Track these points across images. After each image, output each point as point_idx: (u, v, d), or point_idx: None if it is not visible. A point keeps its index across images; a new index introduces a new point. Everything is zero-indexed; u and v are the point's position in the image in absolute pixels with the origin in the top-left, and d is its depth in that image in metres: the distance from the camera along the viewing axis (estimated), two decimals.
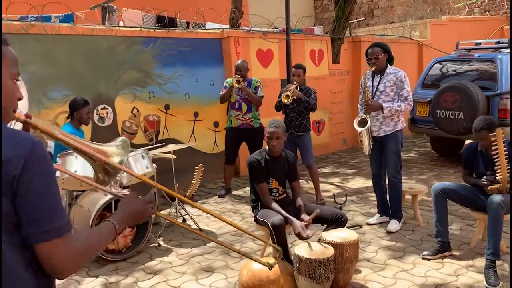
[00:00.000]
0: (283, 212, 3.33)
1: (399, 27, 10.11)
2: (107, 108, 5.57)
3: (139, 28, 5.84)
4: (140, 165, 4.13)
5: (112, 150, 1.51)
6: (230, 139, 5.83)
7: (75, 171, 3.71)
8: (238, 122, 5.68)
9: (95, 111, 5.45)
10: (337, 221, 3.46)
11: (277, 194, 3.60)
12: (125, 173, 4.02)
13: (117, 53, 5.61)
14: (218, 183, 6.46)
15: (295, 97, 5.16)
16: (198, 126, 6.52)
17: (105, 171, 1.48)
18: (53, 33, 5.00)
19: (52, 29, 5.00)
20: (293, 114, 5.30)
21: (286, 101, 5.13)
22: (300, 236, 3.19)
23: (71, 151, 3.84)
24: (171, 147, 4.58)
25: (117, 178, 4.05)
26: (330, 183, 6.30)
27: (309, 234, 3.20)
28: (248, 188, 6.08)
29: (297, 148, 5.34)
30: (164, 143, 5.11)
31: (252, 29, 7.10)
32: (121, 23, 6.48)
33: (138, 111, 5.85)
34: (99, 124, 5.51)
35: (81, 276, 3.63)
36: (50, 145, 4.66)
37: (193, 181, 5.23)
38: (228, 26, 7.05)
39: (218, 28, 6.82)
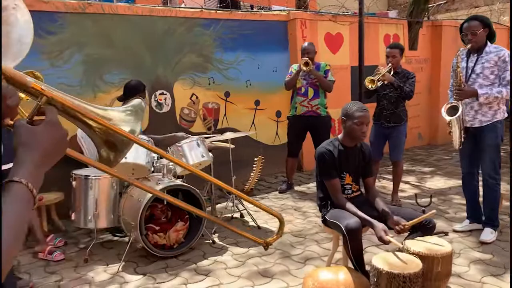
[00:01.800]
0: (359, 213, 2.77)
1: (485, 11, 9.02)
2: (166, 94, 5.27)
3: (200, 9, 5.49)
4: (195, 153, 3.75)
5: (117, 116, 1.06)
6: (293, 129, 5.31)
7: (125, 158, 3.38)
8: (303, 109, 5.15)
9: (153, 96, 5.17)
10: (423, 227, 2.84)
11: (350, 192, 3.04)
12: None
13: (177, 35, 5.29)
14: (279, 177, 5.98)
15: (385, 82, 4.51)
16: (259, 116, 6.07)
17: (109, 145, 1.04)
18: (110, 12, 4.77)
19: (110, 9, 4.76)
20: (385, 101, 4.64)
21: (370, 87, 4.49)
22: (382, 240, 2.62)
23: None
24: (229, 135, 4.15)
25: (170, 167, 3.70)
26: (406, 182, 5.58)
27: (391, 239, 2.62)
28: (311, 184, 5.56)
29: (385, 142, 4.71)
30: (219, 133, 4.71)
31: (320, 11, 6.52)
32: (182, 6, 6.17)
33: (197, 97, 5.51)
34: (157, 110, 5.23)
35: (128, 273, 3.31)
36: None
37: (252, 174, 4.81)
38: (294, 8, 6.52)
39: (283, 10, 6.32)
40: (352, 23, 6.52)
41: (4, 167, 2.88)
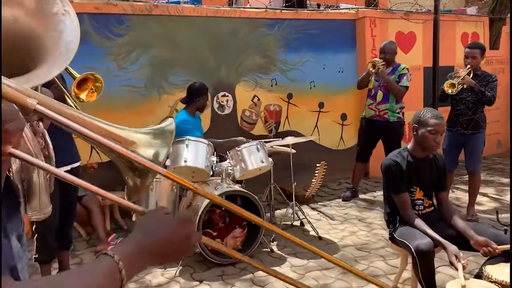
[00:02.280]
0: (429, 231, 2.50)
1: None
2: (227, 96, 5.22)
3: (264, 9, 5.37)
4: (255, 158, 3.63)
5: (142, 139, 0.94)
6: (364, 131, 5.02)
7: (185, 161, 3.35)
8: (371, 112, 4.86)
9: (215, 98, 5.13)
10: (507, 251, 2.50)
11: (422, 208, 2.76)
12: (238, 165, 3.56)
13: (241, 36, 5.21)
14: (343, 183, 5.71)
15: (464, 86, 4.13)
16: (323, 118, 5.83)
17: (134, 170, 0.93)
18: (176, 14, 4.78)
19: (175, 10, 4.78)
20: (462, 106, 4.25)
21: (450, 91, 4.11)
22: (454, 265, 2.34)
23: (184, 138, 3.52)
24: (290, 139, 3.99)
25: (229, 171, 3.61)
26: (483, 195, 5.10)
27: (460, 270, 2.33)
28: (378, 193, 5.24)
29: (461, 150, 4.34)
30: (279, 137, 4.56)
31: (392, 8, 6.15)
32: (247, 6, 6.10)
33: (258, 99, 5.40)
34: (219, 112, 5.19)
35: (184, 278, 3.26)
36: None
37: (313, 180, 4.61)
38: (363, 6, 6.21)
39: (352, 8, 6.04)
40: (426, 21, 6.08)
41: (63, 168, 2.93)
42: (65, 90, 2.79)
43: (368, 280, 1.61)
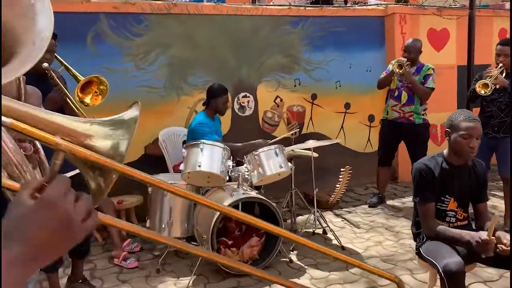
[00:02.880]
0: (452, 232, 2.27)
1: None
2: (249, 97, 5.04)
3: (287, 6, 5.16)
4: (273, 162, 3.44)
5: (100, 131, 0.79)
6: (385, 134, 4.76)
7: (199, 166, 3.19)
8: (395, 114, 4.58)
9: (235, 99, 4.97)
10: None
11: (454, 220, 2.50)
12: (255, 171, 3.38)
13: (262, 35, 5.02)
14: (370, 188, 5.45)
15: (497, 86, 3.83)
16: (349, 120, 5.58)
17: (93, 168, 0.78)
18: (196, 13, 4.64)
19: (195, 9, 4.64)
20: (493, 108, 3.94)
21: (483, 92, 3.82)
22: (482, 246, 2.08)
23: (199, 141, 3.36)
24: (311, 143, 3.77)
25: (246, 176, 3.43)
26: None
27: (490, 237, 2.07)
28: (407, 199, 4.95)
29: (492, 155, 4.03)
30: (303, 140, 4.35)
31: (423, 4, 5.83)
32: (271, 4, 5.91)
33: (281, 100, 5.20)
34: (240, 113, 5.02)
35: None
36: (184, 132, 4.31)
37: (337, 185, 4.38)
38: (393, 2, 5.91)
39: (380, 4, 5.75)
40: (460, 17, 5.73)
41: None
42: (67, 93, 2.68)
43: None
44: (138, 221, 4.25)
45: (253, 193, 3.34)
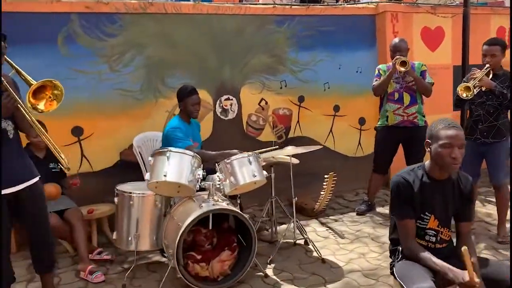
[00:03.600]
0: (434, 260, 2.04)
1: None
2: (232, 99, 4.82)
3: (272, 5, 4.94)
4: (247, 171, 3.22)
5: None
6: (384, 141, 4.47)
7: (164, 175, 2.98)
8: (398, 118, 4.31)
9: (217, 102, 4.76)
10: None
11: (433, 239, 2.26)
12: (227, 180, 3.16)
13: (246, 34, 4.80)
14: (361, 194, 5.21)
15: (482, 89, 3.59)
16: (339, 123, 5.34)
17: None
18: (173, 12, 4.43)
19: (173, 8, 4.43)
20: (481, 111, 3.71)
21: (464, 96, 3.56)
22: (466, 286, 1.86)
23: (166, 149, 3.15)
24: (289, 150, 3.55)
25: (217, 185, 3.21)
26: None
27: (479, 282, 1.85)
28: None
29: (481, 161, 3.79)
30: (277, 146, 4.14)
31: (417, 2, 5.59)
32: (259, 2, 5.69)
33: (266, 103, 4.98)
34: (222, 117, 4.81)
35: None
36: (158, 137, 4.11)
37: (322, 193, 4.15)
38: (385, 0, 5.67)
39: (371, 2, 5.51)
40: (455, 15, 5.49)
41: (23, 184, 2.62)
42: (18, 99, 2.48)
43: None
44: (111, 231, 4.05)
45: (224, 204, 3.12)
